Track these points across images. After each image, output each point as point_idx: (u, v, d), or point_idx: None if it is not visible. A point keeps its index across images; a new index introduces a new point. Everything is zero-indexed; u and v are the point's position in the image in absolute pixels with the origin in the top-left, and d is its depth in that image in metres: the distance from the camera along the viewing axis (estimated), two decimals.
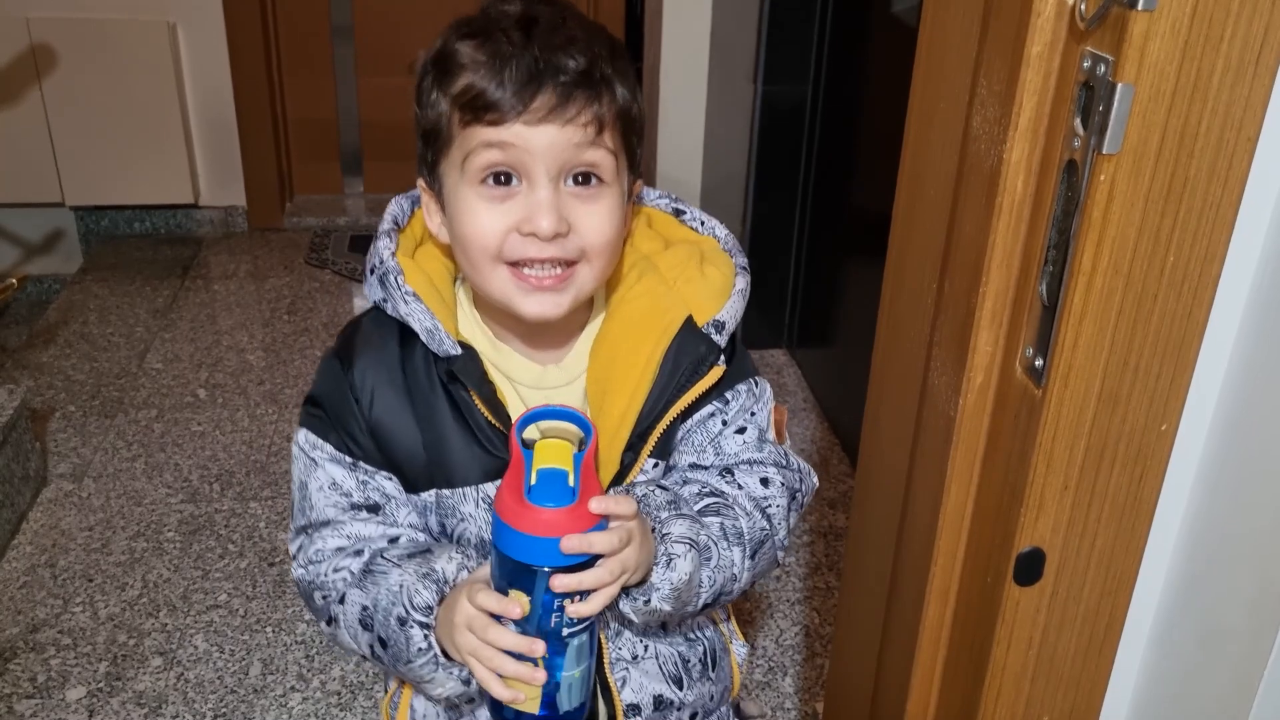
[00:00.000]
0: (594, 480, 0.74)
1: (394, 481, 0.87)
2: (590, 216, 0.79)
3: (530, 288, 0.79)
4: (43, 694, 1.55)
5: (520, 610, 0.73)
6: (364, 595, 0.84)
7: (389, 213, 0.89)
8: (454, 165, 0.79)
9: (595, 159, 0.79)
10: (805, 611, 1.77)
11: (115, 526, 1.92)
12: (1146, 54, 0.59)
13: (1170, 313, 0.67)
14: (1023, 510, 0.73)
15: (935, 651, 0.87)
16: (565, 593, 0.73)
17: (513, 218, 0.78)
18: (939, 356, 0.81)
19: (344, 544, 0.87)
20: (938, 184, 0.80)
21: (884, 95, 2.01)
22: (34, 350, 2.54)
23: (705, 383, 0.86)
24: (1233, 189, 0.64)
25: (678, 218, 0.93)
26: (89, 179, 3.00)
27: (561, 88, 0.75)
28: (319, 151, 3.36)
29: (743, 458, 0.90)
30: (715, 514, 0.85)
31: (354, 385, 0.85)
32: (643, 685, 0.92)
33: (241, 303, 2.82)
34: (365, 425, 0.85)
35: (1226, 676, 0.73)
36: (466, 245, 0.80)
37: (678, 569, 0.79)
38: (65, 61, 2.85)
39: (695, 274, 0.88)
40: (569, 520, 0.72)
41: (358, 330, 0.88)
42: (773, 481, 0.90)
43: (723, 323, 0.87)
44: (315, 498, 0.87)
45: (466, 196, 0.79)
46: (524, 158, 0.77)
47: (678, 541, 0.80)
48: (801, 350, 2.54)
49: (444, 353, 0.83)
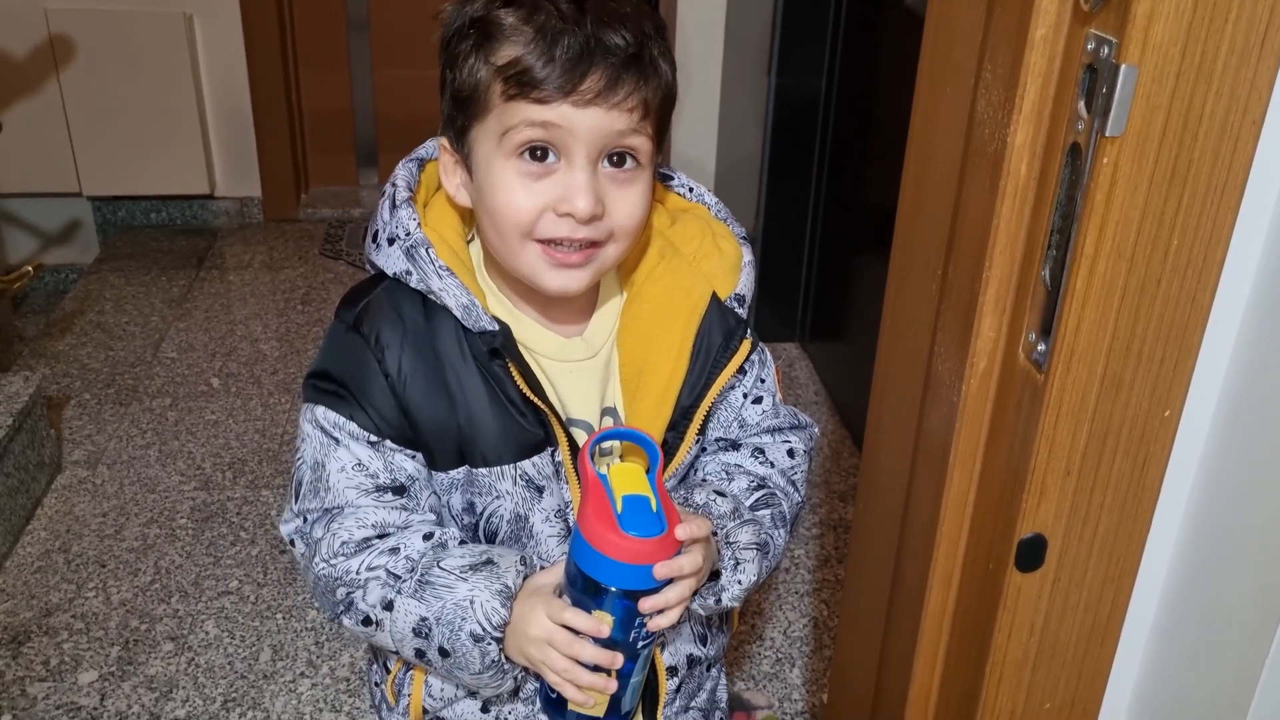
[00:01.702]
0: (669, 502, 0.78)
1: (417, 460, 0.86)
2: (624, 201, 0.79)
3: (556, 263, 0.79)
4: (55, 677, 1.57)
5: (607, 629, 0.78)
6: (423, 606, 0.81)
7: (401, 179, 0.86)
8: (489, 135, 0.78)
9: (636, 144, 0.78)
10: (814, 604, 1.77)
11: (129, 513, 1.94)
12: (1150, 35, 0.59)
13: (1174, 297, 0.67)
14: (1025, 496, 0.72)
15: (937, 638, 0.87)
16: (649, 611, 0.78)
17: (548, 196, 0.77)
18: (943, 342, 0.81)
19: (369, 534, 0.84)
20: (943, 169, 0.80)
21: (898, 88, 2.00)
22: (50, 339, 2.56)
23: (739, 358, 0.88)
24: (1237, 173, 0.64)
25: (664, 183, 0.92)
26: (106, 170, 3.02)
27: (611, 69, 0.74)
28: (334, 143, 3.37)
29: (764, 426, 0.94)
30: (766, 506, 0.90)
31: (382, 360, 0.83)
32: (678, 648, 0.96)
33: (256, 293, 2.84)
34: (395, 402, 0.83)
35: (1230, 664, 0.73)
36: (497, 218, 0.79)
37: (747, 573, 0.85)
38: (83, 52, 2.87)
39: (713, 249, 0.89)
40: (659, 548, 0.76)
41: (377, 303, 0.84)
42: (796, 450, 0.95)
43: (743, 296, 0.89)
44: (335, 479, 0.84)
45: (502, 170, 0.78)
46: (566, 138, 0.75)
47: (745, 549, 0.85)
48: (814, 344, 2.53)
49: (480, 329, 0.81)
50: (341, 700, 1.54)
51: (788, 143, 2.38)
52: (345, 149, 3.39)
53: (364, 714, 1.52)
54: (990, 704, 0.80)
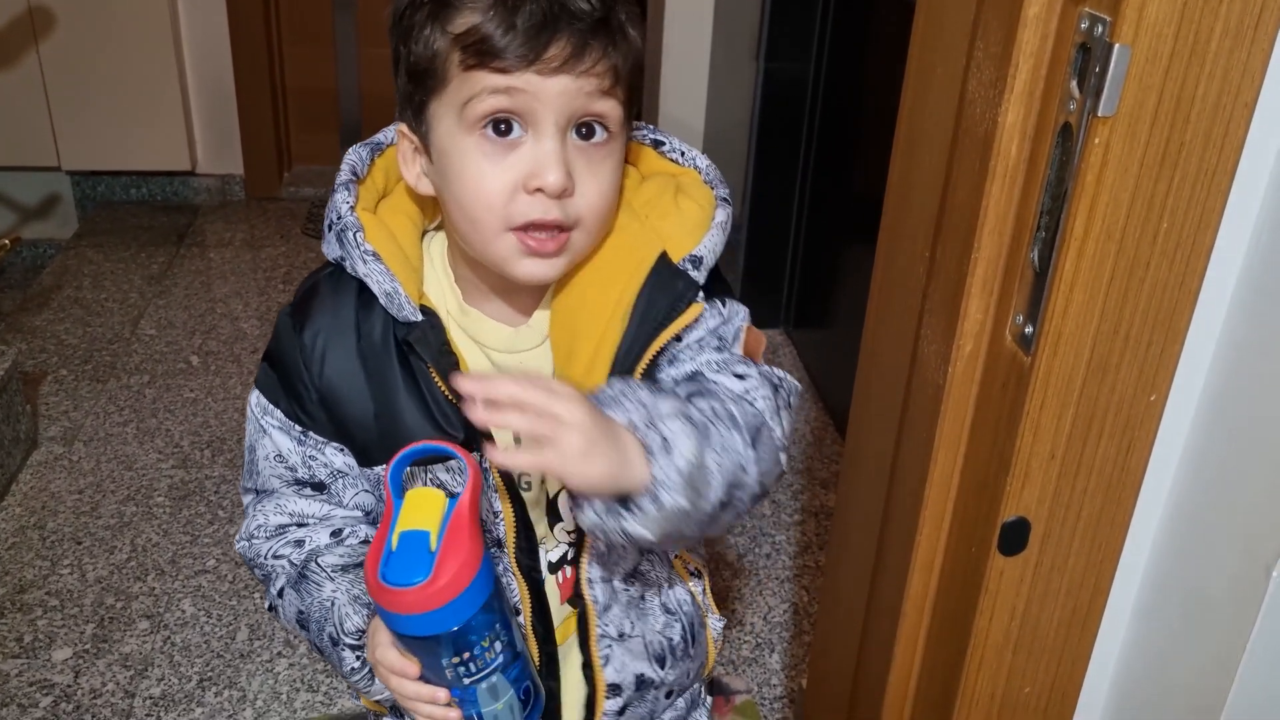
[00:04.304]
0: (464, 536, 0.69)
1: (345, 454, 0.83)
2: (593, 179, 0.74)
3: (530, 251, 0.74)
4: (29, 654, 1.55)
5: (415, 671, 0.73)
6: (299, 600, 0.82)
7: (346, 162, 0.83)
8: (449, 109, 0.73)
9: (605, 110, 0.73)
10: (794, 589, 1.77)
11: (105, 490, 1.92)
12: (1144, 14, 0.59)
13: (1162, 281, 0.67)
14: (1009, 479, 0.72)
15: (919, 621, 0.87)
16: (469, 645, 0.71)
17: (517, 172, 0.72)
18: (929, 324, 0.81)
19: (285, 521, 0.84)
20: (933, 150, 0.80)
21: (887, 74, 2.00)
22: (27, 314, 2.53)
23: (683, 320, 0.78)
24: (1229, 155, 0.63)
25: (657, 149, 0.87)
26: (86, 144, 2.98)
27: (577, 34, 0.70)
28: (318, 122, 3.34)
29: (715, 366, 0.80)
30: (701, 398, 0.75)
31: (304, 347, 0.80)
32: (625, 664, 0.89)
33: (237, 271, 2.81)
34: (315, 393, 0.81)
35: (1210, 649, 0.73)
36: (465, 203, 0.74)
37: (679, 448, 0.68)
38: (63, 24, 2.83)
39: (670, 207, 0.81)
40: (422, 598, 0.67)
41: (313, 291, 0.82)
42: (748, 376, 0.79)
43: (699, 257, 0.79)
44: (261, 465, 0.84)
45: (464, 148, 0.73)
46: (532, 105, 0.71)
47: (669, 419, 0.69)
48: (799, 331, 2.53)
49: (403, 318, 0.77)
50: (319, 680, 1.53)
51: (775, 128, 2.37)
52: (329, 127, 3.36)
53: (341, 694, 1.51)
54: (970, 688, 0.80)
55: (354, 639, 0.80)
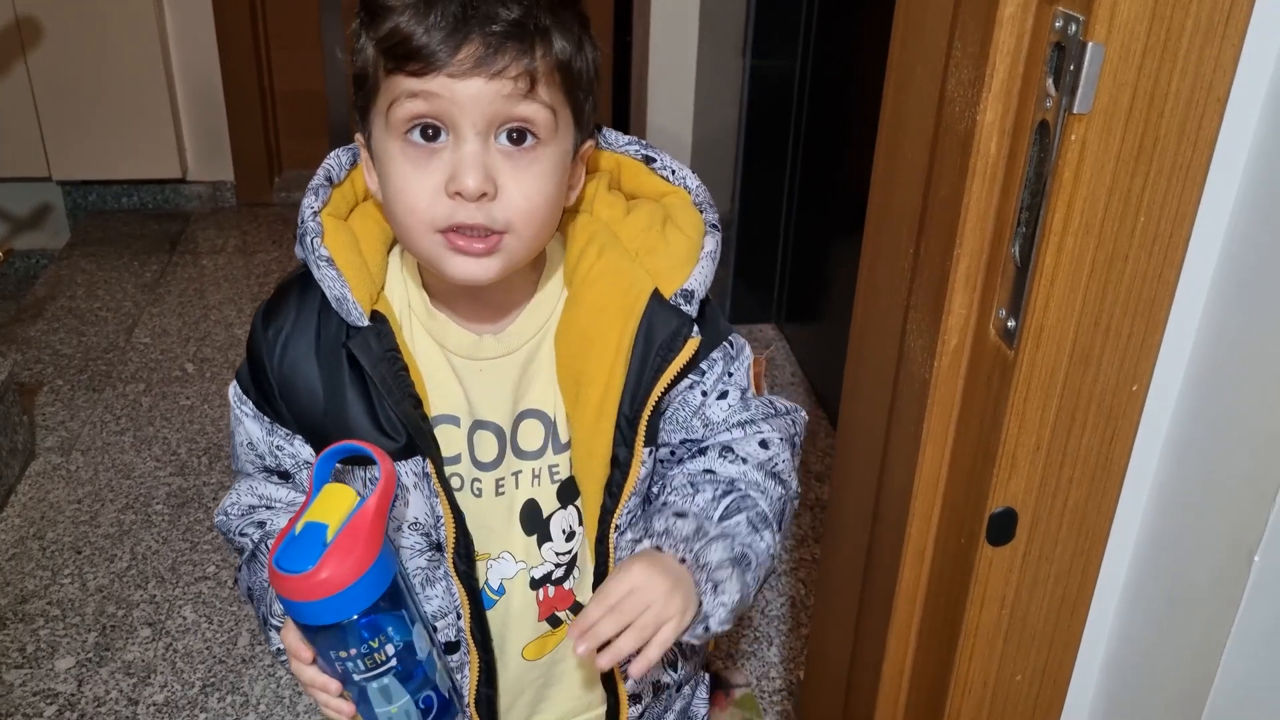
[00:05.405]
0: (364, 531, 0.71)
1: (310, 447, 0.86)
2: (519, 182, 0.73)
3: (456, 249, 0.75)
4: (31, 664, 1.56)
5: (309, 656, 0.75)
6: (249, 577, 0.87)
7: (323, 166, 0.84)
8: (379, 114, 0.74)
9: (528, 114, 0.73)
10: (791, 583, 1.78)
11: (104, 499, 1.92)
12: (1117, 13, 0.60)
13: (1141, 273, 0.68)
14: (995, 470, 0.73)
15: (911, 612, 0.88)
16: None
17: (439, 177, 0.72)
18: (915, 319, 0.82)
19: (255, 502, 0.88)
20: (914, 148, 0.81)
21: (873, 70, 2.01)
22: (21, 325, 2.54)
23: (682, 358, 0.81)
24: (1202, 150, 0.65)
25: (648, 165, 0.87)
26: (76, 153, 2.98)
27: (491, 37, 0.70)
28: (308, 126, 3.34)
29: (731, 421, 0.87)
30: (738, 511, 0.82)
31: (268, 343, 0.83)
32: (643, 675, 0.89)
33: (230, 277, 2.82)
34: (276, 386, 0.83)
35: (1195, 635, 0.74)
36: (395, 209, 0.75)
37: (727, 593, 0.79)
38: (51, 35, 2.83)
39: (658, 242, 0.82)
40: (304, 586, 0.69)
41: (284, 291, 0.85)
42: (771, 441, 0.86)
43: (691, 291, 0.81)
44: (237, 450, 0.89)
45: (391, 153, 0.74)
46: (450, 109, 0.71)
47: (719, 569, 0.79)
48: (790, 325, 2.54)
49: (352, 323, 0.79)
50: None
51: (763, 124, 2.38)
52: (319, 132, 3.36)
53: None
54: (962, 677, 0.82)
55: (279, 620, 0.83)
